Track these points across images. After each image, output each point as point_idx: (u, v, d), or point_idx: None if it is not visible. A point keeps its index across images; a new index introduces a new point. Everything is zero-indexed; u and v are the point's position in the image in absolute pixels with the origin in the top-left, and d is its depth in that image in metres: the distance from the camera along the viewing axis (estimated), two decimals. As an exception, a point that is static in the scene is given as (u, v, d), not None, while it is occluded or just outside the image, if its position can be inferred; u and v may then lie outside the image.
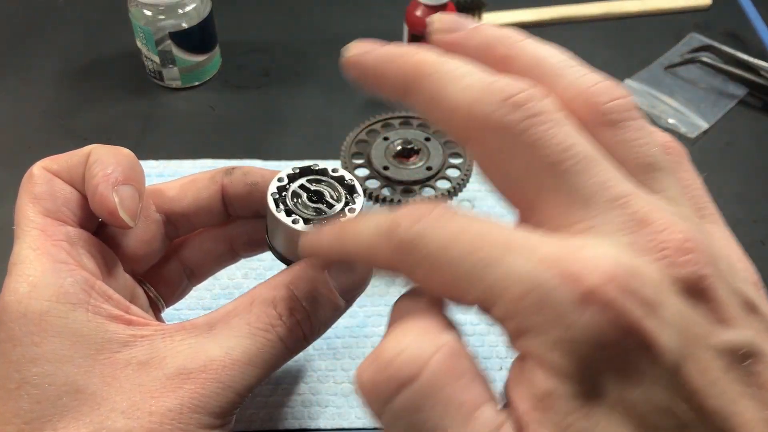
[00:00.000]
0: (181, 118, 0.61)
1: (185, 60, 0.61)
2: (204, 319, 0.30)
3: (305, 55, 0.67)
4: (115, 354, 0.28)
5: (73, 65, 0.66)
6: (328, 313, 0.31)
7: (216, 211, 0.35)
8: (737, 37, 0.70)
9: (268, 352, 0.29)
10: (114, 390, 0.27)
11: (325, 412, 0.42)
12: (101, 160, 0.30)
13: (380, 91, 0.25)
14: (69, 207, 0.30)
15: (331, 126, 0.61)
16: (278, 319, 0.29)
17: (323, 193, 0.32)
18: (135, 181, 0.30)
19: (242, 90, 0.64)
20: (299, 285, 0.30)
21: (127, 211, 0.29)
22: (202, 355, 0.28)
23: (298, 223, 0.30)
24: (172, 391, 0.27)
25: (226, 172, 0.34)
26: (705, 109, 0.62)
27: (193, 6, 0.59)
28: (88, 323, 0.27)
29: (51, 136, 0.59)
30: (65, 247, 0.29)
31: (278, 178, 0.32)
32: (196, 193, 0.34)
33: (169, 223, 0.35)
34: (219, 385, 0.28)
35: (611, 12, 0.72)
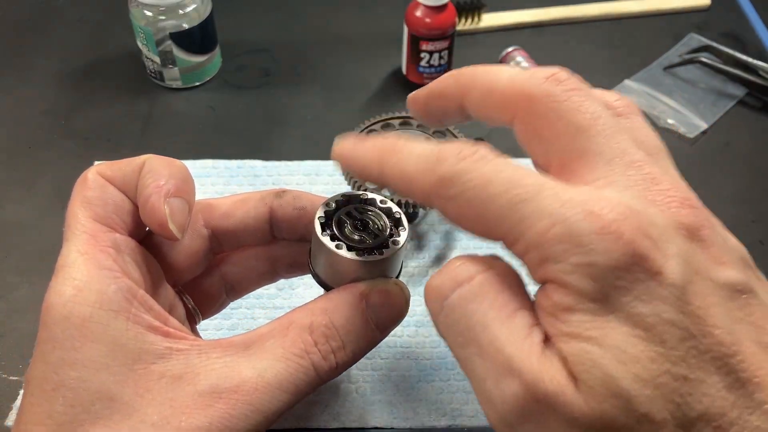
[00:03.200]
0: (182, 118, 0.61)
1: (186, 60, 0.61)
2: (240, 338, 0.30)
3: (305, 55, 0.68)
4: (151, 365, 0.28)
5: (73, 65, 0.66)
6: (363, 344, 0.31)
7: (262, 232, 0.35)
8: (736, 38, 0.70)
9: (300, 378, 0.29)
10: (146, 402, 0.27)
11: (325, 412, 0.42)
12: (155, 170, 0.30)
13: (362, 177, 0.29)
14: (119, 214, 0.30)
15: (331, 126, 0.61)
16: (313, 346, 0.29)
17: (368, 222, 0.32)
18: (186, 194, 0.30)
19: (242, 90, 0.64)
20: (337, 313, 0.30)
21: (177, 224, 0.30)
22: (236, 376, 0.28)
23: (342, 249, 0.30)
24: (202, 408, 0.27)
25: (276, 195, 0.35)
26: (704, 109, 0.62)
27: (193, 6, 0.59)
28: (127, 332, 0.28)
29: (51, 136, 0.59)
30: (112, 254, 0.29)
31: (326, 203, 0.32)
32: (246, 212, 0.35)
33: (215, 239, 0.35)
34: (249, 407, 0.28)
35: (611, 12, 0.72)
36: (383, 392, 0.43)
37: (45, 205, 0.53)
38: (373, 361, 0.45)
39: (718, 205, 0.56)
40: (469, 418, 0.42)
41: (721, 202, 0.56)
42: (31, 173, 0.56)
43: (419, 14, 0.60)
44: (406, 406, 0.43)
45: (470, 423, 0.42)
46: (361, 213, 0.32)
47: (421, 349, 0.45)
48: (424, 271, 0.49)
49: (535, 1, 0.72)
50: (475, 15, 0.69)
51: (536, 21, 0.71)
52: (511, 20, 0.71)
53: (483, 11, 0.70)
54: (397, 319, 0.32)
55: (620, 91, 0.64)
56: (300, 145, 0.59)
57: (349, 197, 0.32)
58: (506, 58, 0.63)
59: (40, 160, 0.57)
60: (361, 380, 0.44)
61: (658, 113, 0.62)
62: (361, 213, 0.32)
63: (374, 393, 0.43)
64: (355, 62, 0.67)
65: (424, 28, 0.60)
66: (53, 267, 0.39)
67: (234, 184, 0.55)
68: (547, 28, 0.71)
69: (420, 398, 0.43)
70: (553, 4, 0.72)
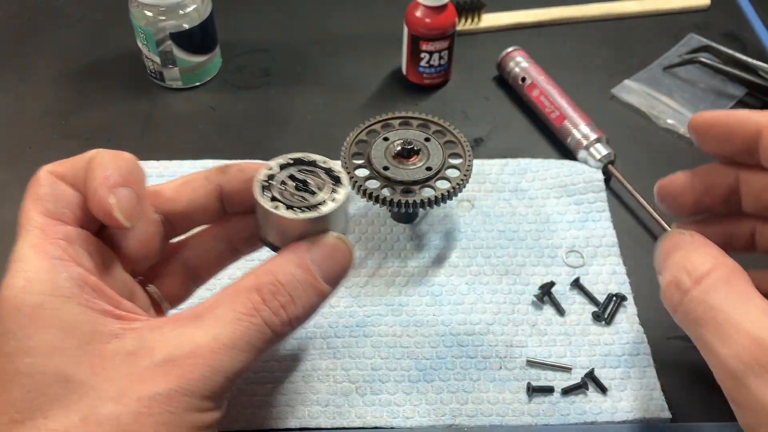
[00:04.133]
0: (182, 118, 0.61)
1: (186, 60, 0.61)
2: (191, 310, 0.30)
3: (305, 55, 0.68)
4: (105, 345, 0.28)
5: (73, 65, 0.66)
6: (312, 298, 0.32)
7: (213, 210, 0.36)
8: (736, 38, 0.70)
9: (254, 335, 0.30)
10: (102, 379, 0.28)
11: (325, 412, 0.43)
12: (102, 163, 0.31)
13: None
14: (70, 208, 0.31)
15: (331, 126, 0.61)
16: (262, 303, 0.30)
17: (309, 182, 0.33)
18: (134, 184, 0.31)
19: (242, 90, 0.64)
20: (281, 271, 0.31)
21: (124, 212, 0.30)
22: (190, 342, 0.29)
23: (280, 209, 0.31)
24: (161, 377, 0.28)
25: (221, 171, 0.36)
26: (704, 109, 0.62)
27: (193, 7, 0.59)
28: (79, 315, 0.28)
29: (51, 136, 0.59)
30: (62, 245, 0.30)
31: (268, 167, 0.33)
32: (192, 192, 0.35)
33: (167, 223, 0.36)
34: (207, 369, 0.28)
35: (610, 12, 0.72)
36: (383, 392, 0.43)
37: (45, 205, 0.53)
38: (373, 361, 0.45)
39: (718, 205, 0.56)
40: (469, 418, 0.42)
41: (720, 202, 0.56)
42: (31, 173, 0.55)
43: (419, 14, 0.60)
44: (406, 406, 0.43)
45: (470, 422, 0.42)
46: (303, 174, 0.33)
47: (421, 349, 0.45)
48: (423, 270, 0.49)
49: (535, 1, 0.72)
50: (475, 15, 0.69)
51: (536, 21, 0.71)
52: (511, 20, 0.71)
53: (483, 11, 0.70)
54: (343, 272, 0.33)
55: (620, 91, 0.64)
56: (300, 145, 0.58)
57: (291, 160, 0.34)
58: (506, 58, 0.63)
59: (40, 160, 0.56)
60: (361, 380, 0.44)
61: (658, 113, 0.62)
62: (304, 174, 0.33)
63: (374, 393, 0.43)
64: (355, 62, 0.67)
65: (424, 28, 0.60)
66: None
67: (234, 184, 0.55)
68: (547, 28, 0.71)
69: (420, 398, 0.43)
70: (553, 4, 0.72)
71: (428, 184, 0.46)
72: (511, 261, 0.50)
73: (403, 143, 0.47)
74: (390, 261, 0.50)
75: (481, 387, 0.44)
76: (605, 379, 0.44)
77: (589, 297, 0.48)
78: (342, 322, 0.47)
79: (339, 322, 0.46)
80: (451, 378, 0.44)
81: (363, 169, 0.47)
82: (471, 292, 0.48)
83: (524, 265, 0.50)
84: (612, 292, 0.48)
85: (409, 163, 0.47)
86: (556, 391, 0.44)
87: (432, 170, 0.46)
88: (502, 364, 0.45)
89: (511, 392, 0.44)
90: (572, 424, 0.42)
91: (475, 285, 0.49)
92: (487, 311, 0.47)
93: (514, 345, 0.46)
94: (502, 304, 0.48)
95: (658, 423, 0.42)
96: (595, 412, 0.43)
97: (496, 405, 0.43)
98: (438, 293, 0.48)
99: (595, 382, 0.44)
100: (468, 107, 0.63)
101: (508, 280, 0.49)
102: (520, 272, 0.49)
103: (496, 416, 0.43)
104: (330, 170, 0.34)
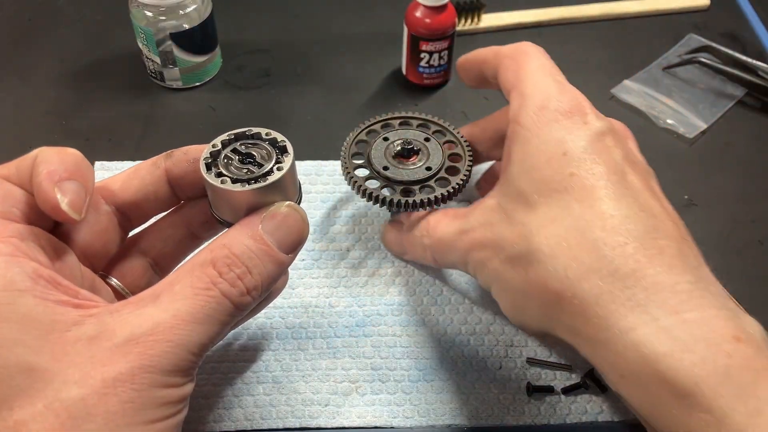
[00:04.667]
0: (182, 118, 0.62)
1: (186, 60, 0.61)
2: (149, 291, 0.31)
3: (305, 55, 0.68)
4: (65, 333, 0.28)
5: (73, 66, 0.66)
6: (270, 267, 0.32)
7: (164, 196, 0.36)
8: (736, 38, 0.70)
9: (213, 308, 0.30)
10: (65, 365, 0.28)
11: (325, 411, 0.43)
12: (46, 160, 0.31)
13: None
14: (18, 207, 0.31)
15: (331, 126, 0.61)
16: (218, 276, 0.30)
17: (254, 154, 0.33)
18: (80, 178, 0.31)
19: (242, 90, 0.64)
20: (235, 243, 0.31)
21: (71, 205, 0.30)
22: (149, 321, 0.29)
23: (226, 183, 0.32)
24: (122, 356, 0.28)
25: (167, 156, 0.36)
26: (703, 109, 0.62)
27: (193, 7, 0.59)
28: (36, 307, 0.28)
29: (52, 137, 0.59)
30: (14, 242, 0.30)
31: (212, 145, 0.33)
32: (140, 180, 0.36)
33: (122, 215, 0.36)
34: (168, 344, 0.29)
35: (610, 13, 0.72)
36: (383, 392, 0.43)
37: (45, 205, 0.53)
38: (373, 361, 0.45)
39: (718, 204, 0.57)
40: (468, 419, 0.43)
41: (720, 202, 0.56)
42: (31, 173, 0.56)
43: (419, 14, 0.60)
44: (406, 406, 0.43)
45: (470, 423, 0.42)
46: (247, 147, 0.33)
47: (421, 349, 0.45)
48: (423, 270, 0.49)
49: (535, 1, 0.72)
50: (474, 15, 0.69)
51: (536, 21, 0.71)
52: (511, 20, 0.71)
53: (483, 11, 0.70)
54: (299, 239, 0.33)
55: (620, 91, 0.64)
56: (300, 145, 0.59)
57: (234, 135, 0.34)
58: (506, 58, 0.63)
59: (41, 160, 0.57)
60: (361, 380, 0.44)
61: (657, 113, 0.62)
62: (248, 147, 0.33)
63: (374, 392, 0.43)
64: (355, 62, 0.67)
65: (424, 29, 0.60)
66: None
67: (234, 184, 0.55)
68: (547, 28, 0.71)
69: (420, 398, 0.43)
70: (553, 4, 0.72)
71: (428, 185, 0.46)
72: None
73: (403, 143, 0.47)
74: (390, 261, 0.50)
75: (481, 387, 0.44)
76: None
77: (588, 297, 0.48)
78: (342, 322, 0.47)
79: (339, 322, 0.47)
80: (451, 378, 0.44)
81: (363, 169, 0.47)
82: (471, 291, 0.48)
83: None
84: (612, 292, 0.48)
85: (409, 163, 0.47)
86: (556, 390, 0.44)
87: (432, 170, 0.46)
88: (502, 364, 0.45)
89: (511, 392, 0.44)
90: (572, 424, 0.42)
91: (475, 284, 0.49)
92: (487, 311, 0.47)
93: (515, 344, 0.46)
94: (502, 303, 0.48)
95: (658, 423, 0.42)
96: (595, 411, 0.43)
97: (496, 405, 0.43)
98: (438, 293, 0.48)
99: (595, 381, 0.44)
100: (468, 107, 0.63)
101: (508, 280, 0.49)
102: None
103: (496, 416, 0.43)
104: (275, 141, 0.34)
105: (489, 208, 0.39)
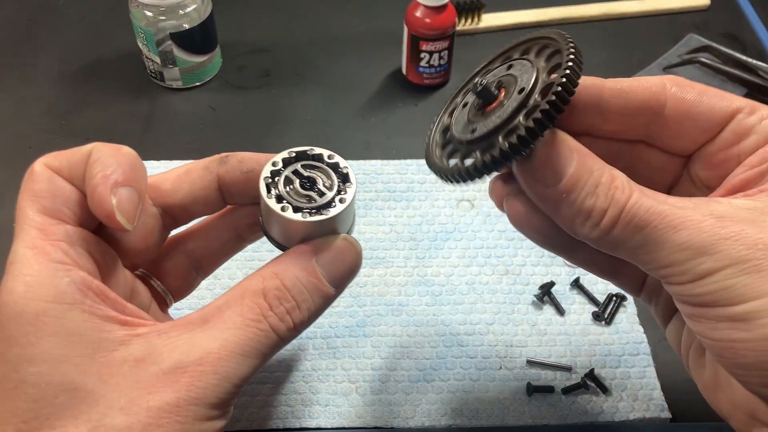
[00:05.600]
0: (182, 118, 0.62)
1: (186, 60, 0.61)
2: (198, 314, 0.30)
3: (305, 55, 0.68)
4: (112, 353, 0.28)
5: (73, 66, 0.66)
6: (318, 302, 0.31)
7: (213, 201, 0.35)
8: (736, 38, 0.70)
9: (261, 342, 0.29)
10: (111, 387, 0.27)
11: (325, 411, 0.43)
12: (102, 159, 0.29)
13: None
14: (68, 206, 0.30)
15: (331, 126, 0.61)
16: (269, 309, 0.30)
17: (316, 180, 0.32)
18: (135, 182, 0.30)
19: (242, 90, 0.64)
20: (287, 275, 0.30)
21: (125, 214, 0.29)
22: (198, 349, 0.28)
23: (287, 211, 0.30)
24: (169, 385, 0.27)
25: (220, 161, 0.34)
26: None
27: (193, 7, 0.59)
28: (84, 323, 0.27)
29: (52, 136, 0.59)
30: (63, 247, 0.28)
31: (272, 162, 0.32)
32: (191, 184, 0.34)
33: (167, 216, 0.35)
34: (216, 376, 0.28)
35: (610, 12, 0.72)
36: (383, 392, 0.43)
37: (45, 205, 0.53)
38: (373, 361, 0.45)
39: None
40: (469, 419, 0.42)
41: (720, 202, 0.55)
42: (31, 173, 0.56)
43: (419, 14, 0.60)
44: (406, 406, 0.43)
45: (470, 423, 0.42)
46: (308, 170, 0.32)
47: (421, 349, 0.45)
48: (423, 270, 0.49)
49: (535, 1, 0.72)
50: (475, 15, 0.69)
51: (536, 21, 0.71)
52: (511, 20, 0.71)
53: (483, 11, 0.70)
54: (350, 274, 0.32)
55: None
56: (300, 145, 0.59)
57: (296, 154, 0.32)
58: (506, 58, 0.63)
59: (41, 160, 0.57)
60: (361, 380, 0.44)
61: (658, 113, 0.62)
62: (309, 170, 0.32)
63: (374, 393, 0.43)
64: (355, 62, 0.67)
65: (424, 28, 0.60)
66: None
67: (234, 184, 0.55)
68: (546, 27, 0.71)
69: (420, 398, 0.43)
70: (553, 4, 0.72)
71: (530, 103, 0.29)
72: (511, 261, 0.50)
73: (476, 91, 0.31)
74: (390, 261, 0.50)
75: (481, 387, 0.44)
76: (605, 378, 0.44)
77: (589, 297, 0.48)
78: (342, 322, 0.47)
79: (339, 322, 0.47)
80: (451, 378, 0.44)
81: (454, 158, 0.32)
82: (471, 292, 0.48)
83: (524, 265, 0.50)
84: (612, 292, 0.48)
85: (496, 107, 0.30)
86: (556, 391, 0.44)
87: (527, 90, 0.29)
88: (502, 364, 0.45)
89: (511, 392, 0.44)
90: (572, 424, 0.42)
91: (475, 285, 0.49)
92: (487, 311, 0.47)
93: (514, 345, 0.46)
94: (502, 304, 0.48)
95: (658, 423, 0.42)
96: (595, 412, 0.43)
97: (496, 405, 0.43)
98: (438, 293, 0.48)
99: (595, 382, 0.44)
100: (468, 107, 0.63)
101: (508, 280, 0.49)
102: (520, 272, 0.49)
103: (496, 416, 0.43)
104: (337, 166, 0.32)
105: None
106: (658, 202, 0.27)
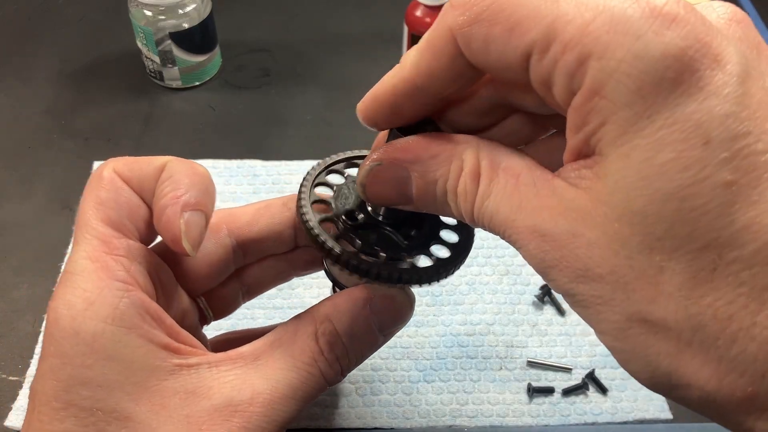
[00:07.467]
0: (182, 118, 0.61)
1: (185, 60, 0.61)
2: (249, 349, 0.29)
3: (305, 55, 0.68)
4: (163, 382, 0.27)
5: (73, 65, 0.66)
6: (366, 349, 0.31)
7: (286, 239, 0.34)
8: (736, 38, 0.70)
9: (310, 385, 0.29)
10: (162, 419, 0.27)
11: (325, 412, 0.42)
12: (175, 177, 0.28)
13: None
14: (133, 219, 0.29)
15: (331, 126, 0.61)
16: (320, 354, 0.29)
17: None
18: (204, 207, 0.29)
19: (242, 90, 0.64)
20: (341, 319, 0.30)
21: (191, 240, 0.28)
22: (249, 388, 0.28)
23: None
24: (219, 423, 0.27)
25: None
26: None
27: (193, 6, 0.59)
28: (139, 349, 0.27)
29: (51, 136, 0.59)
30: (124, 264, 0.27)
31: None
32: (270, 218, 0.33)
33: (238, 249, 0.34)
34: (265, 419, 0.28)
35: (611, 12, 0.72)
36: (383, 392, 0.43)
37: (44, 205, 0.53)
38: (373, 361, 0.45)
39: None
40: (469, 419, 0.42)
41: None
42: (31, 173, 0.56)
43: (419, 14, 0.60)
44: (406, 406, 0.43)
45: (470, 423, 0.42)
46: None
47: (421, 349, 0.45)
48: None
49: (535, 1, 0.72)
50: (475, 15, 0.69)
51: (536, 21, 0.71)
52: (511, 20, 0.71)
53: (483, 11, 0.69)
54: (401, 324, 0.31)
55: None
56: (300, 145, 0.59)
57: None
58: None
59: (40, 160, 0.57)
60: (361, 380, 0.44)
61: (658, 113, 0.62)
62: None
63: (374, 393, 0.43)
64: (355, 62, 0.67)
65: (424, 28, 0.60)
66: (53, 267, 0.38)
67: (233, 184, 0.55)
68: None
69: (420, 398, 0.43)
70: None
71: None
72: (511, 261, 0.50)
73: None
74: (390, 261, 0.50)
75: (481, 387, 0.44)
76: (606, 379, 0.44)
77: (589, 297, 0.48)
78: (342, 323, 0.46)
79: (339, 323, 0.46)
80: (451, 378, 0.44)
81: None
82: (471, 292, 0.48)
83: (525, 265, 0.50)
84: (612, 293, 0.48)
85: None
86: (556, 391, 0.43)
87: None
88: (503, 365, 0.45)
89: (511, 393, 0.44)
90: (573, 425, 0.42)
91: (475, 285, 0.49)
92: (488, 311, 0.47)
93: (515, 345, 0.46)
94: (503, 304, 0.48)
95: (659, 423, 0.42)
96: (595, 412, 0.43)
97: (497, 405, 0.43)
98: (438, 293, 0.48)
99: (596, 382, 0.44)
100: (468, 107, 0.62)
101: (508, 280, 0.49)
102: (521, 272, 0.49)
103: (496, 417, 0.42)
104: None
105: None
106: (498, 209, 0.23)
